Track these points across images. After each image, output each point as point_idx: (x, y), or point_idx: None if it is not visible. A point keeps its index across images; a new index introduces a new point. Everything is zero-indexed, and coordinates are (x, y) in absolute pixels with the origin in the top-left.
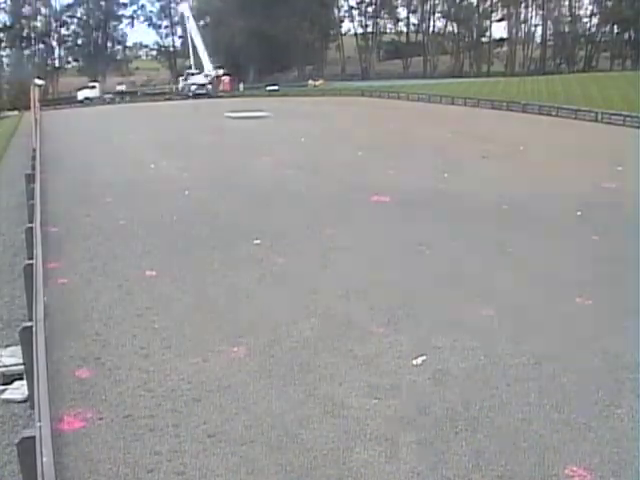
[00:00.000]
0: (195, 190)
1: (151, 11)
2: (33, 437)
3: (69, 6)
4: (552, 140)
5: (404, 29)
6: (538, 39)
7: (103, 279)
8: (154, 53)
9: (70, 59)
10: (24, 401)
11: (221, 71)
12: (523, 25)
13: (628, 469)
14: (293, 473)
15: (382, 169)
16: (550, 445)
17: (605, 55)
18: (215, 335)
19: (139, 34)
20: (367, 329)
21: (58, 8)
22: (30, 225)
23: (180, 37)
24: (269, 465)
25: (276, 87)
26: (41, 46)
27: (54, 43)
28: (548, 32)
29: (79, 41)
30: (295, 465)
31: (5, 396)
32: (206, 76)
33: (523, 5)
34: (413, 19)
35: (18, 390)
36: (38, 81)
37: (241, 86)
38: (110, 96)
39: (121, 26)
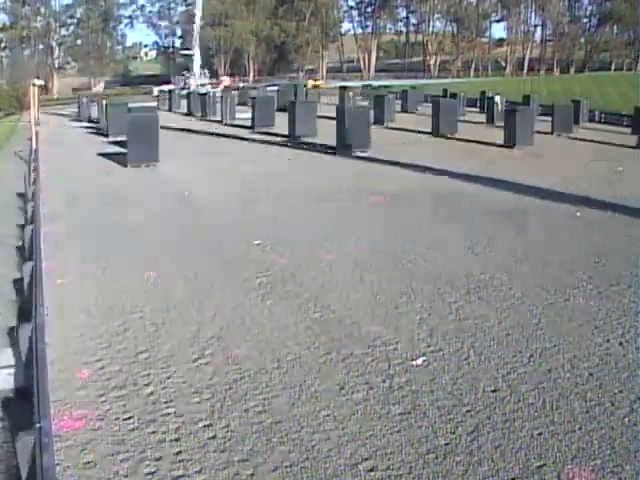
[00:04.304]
0: (193, 190)
1: (150, 11)
2: (33, 438)
3: (68, 6)
4: (552, 140)
5: (404, 29)
6: (537, 39)
7: (103, 280)
8: (154, 53)
9: (69, 59)
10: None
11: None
12: (522, 25)
13: (628, 470)
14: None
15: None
16: (550, 446)
17: (605, 55)
18: (217, 335)
19: (139, 34)
20: (367, 329)
21: (58, 8)
22: (30, 226)
23: (180, 37)
24: None
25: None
26: (40, 46)
27: (53, 43)
28: (547, 32)
29: (78, 41)
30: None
31: None
32: (205, 76)
33: (522, 5)
34: (413, 19)
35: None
36: (37, 81)
37: (241, 86)
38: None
39: (121, 26)
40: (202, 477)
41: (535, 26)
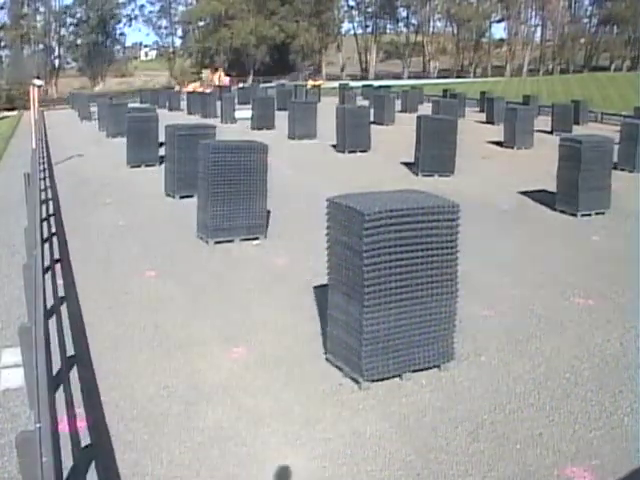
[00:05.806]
0: None
1: (151, 11)
2: (33, 438)
3: (68, 6)
4: (553, 140)
5: (404, 29)
6: (538, 39)
7: (104, 279)
8: (153, 53)
9: (69, 59)
10: None
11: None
12: (523, 26)
13: (629, 470)
14: None
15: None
16: (550, 446)
17: (605, 55)
18: (216, 334)
19: (139, 34)
20: None
21: (57, 8)
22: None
23: (181, 37)
24: None
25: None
26: (40, 46)
27: (53, 43)
28: (548, 32)
29: (78, 41)
30: None
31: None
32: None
33: (523, 6)
34: (413, 19)
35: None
36: (37, 81)
37: (240, 86)
38: None
39: (120, 26)
40: None
41: (535, 26)
